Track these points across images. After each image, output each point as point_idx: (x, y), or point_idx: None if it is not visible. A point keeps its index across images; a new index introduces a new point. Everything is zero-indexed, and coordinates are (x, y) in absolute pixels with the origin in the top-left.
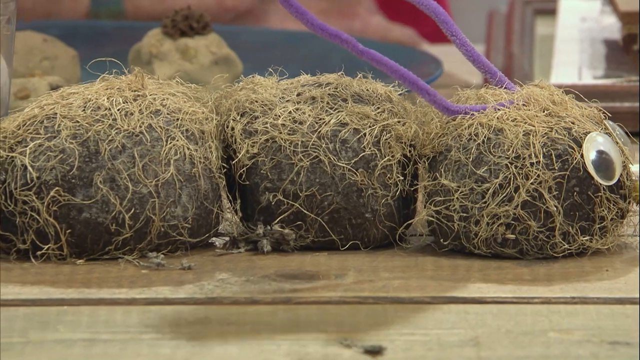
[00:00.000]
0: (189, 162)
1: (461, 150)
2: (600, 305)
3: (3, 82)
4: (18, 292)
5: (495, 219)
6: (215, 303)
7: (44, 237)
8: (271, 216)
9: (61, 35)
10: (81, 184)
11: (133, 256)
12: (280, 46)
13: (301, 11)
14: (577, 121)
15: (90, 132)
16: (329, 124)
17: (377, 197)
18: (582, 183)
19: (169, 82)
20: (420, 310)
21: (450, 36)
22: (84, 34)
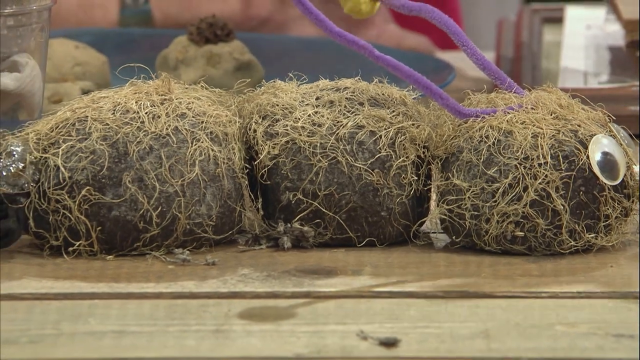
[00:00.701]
0: (213, 163)
1: (472, 151)
2: (605, 300)
3: (37, 87)
4: (51, 286)
5: (505, 217)
6: (238, 297)
7: (76, 234)
8: (291, 214)
9: (92, 42)
10: (111, 183)
11: (160, 252)
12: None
13: (320, 18)
14: (583, 124)
15: (119, 134)
16: (347, 127)
17: (392, 196)
18: (587, 183)
19: (194, 87)
20: (433, 305)
21: (461, 46)
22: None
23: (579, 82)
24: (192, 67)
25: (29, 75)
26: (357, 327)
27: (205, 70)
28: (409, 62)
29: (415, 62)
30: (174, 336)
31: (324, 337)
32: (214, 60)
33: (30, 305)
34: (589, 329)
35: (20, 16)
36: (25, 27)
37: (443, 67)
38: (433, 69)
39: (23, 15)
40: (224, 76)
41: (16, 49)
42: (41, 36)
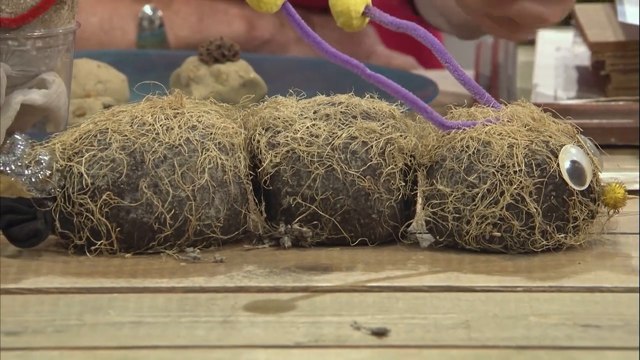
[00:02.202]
0: (221, 170)
1: (454, 160)
2: (574, 293)
3: (63, 102)
4: (75, 281)
5: (484, 219)
6: (244, 291)
7: (97, 234)
8: (291, 217)
9: (113, 62)
10: (129, 189)
11: (173, 251)
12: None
13: (317, 41)
14: (553, 135)
15: (136, 145)
16: (341, 138)
17: (382, 200)
18: (558, 188)
19: (204, 102)
20: (419, 298)
21: (445, 63)
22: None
23: (549, 98)
24: (202, 84)
25: (56, 92)
26: (351, 318)
27: (214, 87)
28: (397, 79)
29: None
30: (185, 326)
31: (321, 327)
32: (222, 78)
33: (56, 298)
34: (559, 319)
35: (48, 38)
36: (52, 48)
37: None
38: (418, 85)
39: (50, 37)
40: (231, 92)
41: (44, 68)
42: (67, 56)
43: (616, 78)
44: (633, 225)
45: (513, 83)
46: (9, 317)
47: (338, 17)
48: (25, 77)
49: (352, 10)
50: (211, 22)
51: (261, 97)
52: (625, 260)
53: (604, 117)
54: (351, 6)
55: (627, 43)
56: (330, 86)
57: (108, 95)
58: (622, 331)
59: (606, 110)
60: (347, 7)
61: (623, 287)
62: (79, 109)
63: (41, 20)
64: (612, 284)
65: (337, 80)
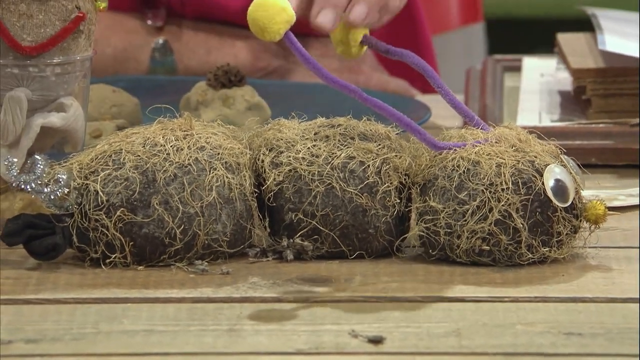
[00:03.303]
0: (228, 188)
1: (446, 178)
2: (558, 303)
3: (80, 124)
4: (91, 292)
5: (474, 233)
6: (249, 301)
7: (112, 248)
8: (293, 231)
9: (126, 87)
10: (141, 205)
11: (182, 263)
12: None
13: (317, 67)
14: (538, 155)
15: (148, 164)
16: (340, 157)
17: (379, 216)
18: (543, 205)
19: (212, 124)
20: (413, 308)
21: (437, 88)
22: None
23: (534, 121)
24: (210, 108)
25: (73, 115)
26: (349, 327)
27: (221, 110)
28: (392, 103)
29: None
30: (194, 335)
31: (321, 335)
32: (229, 102)
33: (73, 308)
34: (544, 328)
35: (66, 65)
36: (70, 74)
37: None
38: (412, 109)
39: (68, 64)
40: (237, 115)
41: (62, 93)
42: (84, 82)
43: (596, 102)
44: (613, 240)
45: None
46: (28, 326)
47: (337, 46)
48: (45, 101)
49: (350, 39)
50: (219, 54)
51: (265, 119)
52: (606, 272)
53: (585, 138)
54: (350, 35)
55: (606, 70)
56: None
57: (122, 118)
58: (603, 339)
59: (587, 132)
60: (346, 36)
61: (604, 297)
62: (95, 131)
63: (60, 48)
64: (594, 294)
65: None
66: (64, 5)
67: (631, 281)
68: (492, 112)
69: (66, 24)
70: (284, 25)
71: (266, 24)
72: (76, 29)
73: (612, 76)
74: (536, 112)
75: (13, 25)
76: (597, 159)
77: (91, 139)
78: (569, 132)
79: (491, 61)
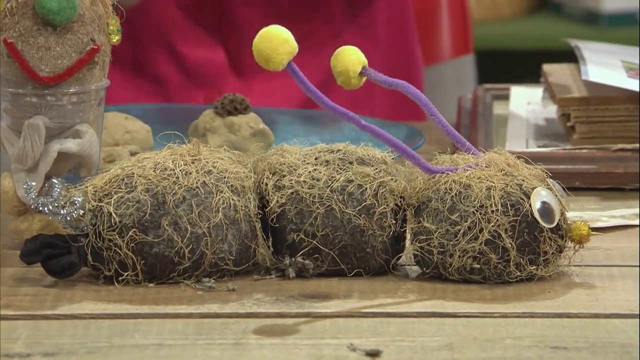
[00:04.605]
0: (233, 210)
1: (439, 200)
2: (545, 319)
3: (95, 150)
4: (104, 308)
5: (465, 253)
6: (253, 317)
7: (124, 266)
8: (295, 251)
9: (139, 115)
10: (152, 226)
11: (191, 281)
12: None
13: (318, 95)
14: (526, 179)
15: (159, 187)
16: (339, 181)
17: (376, 236)
18: (530, 226)
19: (219, 150)
20: (408, 323)
21: (430, 116)
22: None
23: (522, 146)
24: (217, 134)
25: (88, 141)
26: (348, 341)
27: (227, 136)
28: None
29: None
30: (201, 348)
31: (321, 349)
32: (234, 129)
33: (88, 323)
34: (531, 342)
35: (82, 94)
36: (86, 103)
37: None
38: (407, 135)
39: (84, 93)
40: (242, 141)
41: (78, 120)
42: (98, 110)
43: (580, 129)
44: (596, 259)
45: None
46: (46, 340)
47: (338, 77)
48: (62, 128)
49: (350, 70)
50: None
51: (269, 145)
52: (590, 289)
53: (569, 163)
54: (349, 67)
55: (589, 98)
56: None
57: (134, 144)
58: (587, 352)
59: (571, 157)
60: (346, 67)
61: (588, 313)
62: (108, 156)
63: (76, 78)
64: (578, 310)
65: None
66: (79, 38)
67: (613, 297)
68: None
69: (82, 55)
70: (287, 56)
71: (270, 54)
72: (91, 60)
73: (595, 104)
74: (523, 138)
75: (32, 57)
76: (581, 182)
77: (105, 164)
78: (555, 157)
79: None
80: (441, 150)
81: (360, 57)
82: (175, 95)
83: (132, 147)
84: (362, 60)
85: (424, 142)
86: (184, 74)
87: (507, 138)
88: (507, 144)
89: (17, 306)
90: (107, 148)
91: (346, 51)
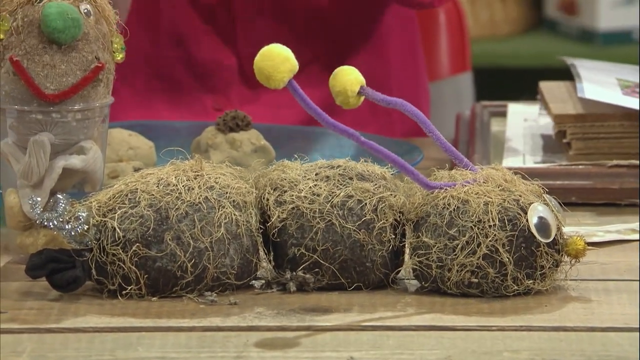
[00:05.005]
0: (235, 225)
1: (437, 215)
2: (541, 332)
3: (99, 166)
4: (108, 321)
5: (463, 267)
6: (254, 330)
7: (128, 280)
8: (296, 265)
9: (142, 131)
10: (155, 241)
11: (193, 295)
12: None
13: (318, 112)
14: (523, 194)
15: (162, 202)
16: (339, 196)
17: (375, 250)
18: (527, 240)
19: (221, 165)
20: (407, 336)
21: (428, 133)
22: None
23: (519, 162)
24: (219, 150)
25: (93, 157)
26: (348, 354)
27: (229, 152)
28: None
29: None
30: None
31: None
32: (236, 145)
33: (92, 336)
34: (528, 355)
35: (86, 111)
36: (90, 119)
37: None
38: (406, 151)
39: (88, 110)
40: (244, 157)
41: (83, 137)
42: (102, 127)
43: (576, 145)
44: (592, 273)
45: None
46: (50, 353)
47: (337, 96)
48: (67, 145)
49: (348, 90)
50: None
51: (270, 161)
52: (586, 303)
53: (565, 178)
54: (347, 87)
55: (585, 115)
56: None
57: (138, 159)
58: None
59: (567, 173)
60: (344, 87)
61: (584, 327)
62: (112, 172)
63: (80, 95)
64: (575, 323)
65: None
66: (84, 56)
67: (609, 311)
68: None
69: (86, 73)
70: (288, 74)
71: (271, 72)
72: (95, 78)
73: (590, 121)
74: (520, 155)
75: (37, 75)
76: (577, 197)
77: (109, 179)
78: (551, 172)
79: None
80: (439, 166)
81: (358, 77)
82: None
83: (135, 163)
84: (360, 79)
85: (422, 158)
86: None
87: (504, 154)
88: (504, 160)
89: (22, 320)
90: (111, 164)
91: (344, 71)
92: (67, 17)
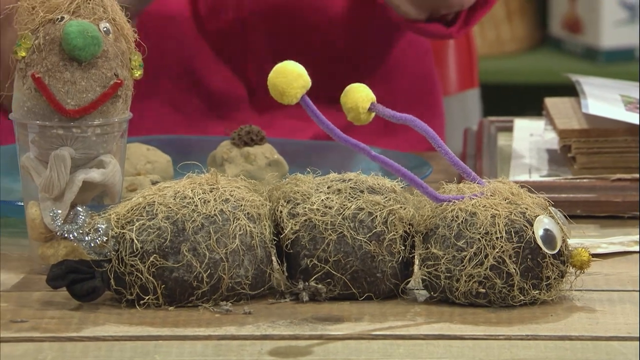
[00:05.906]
0: (250, 236)
1: (446, 227)
2: (547, 341)
3: (118, 179)
4: (126, 330)
5: (471, 277)
6: (268, 339)
7: (145, 290)
8: (308, 275)
9: (159, 146)
10: (172, 252)
11: (209, 304)
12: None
13: (330, 127)
14: (529, 207)
15: (178, 215)
16: (351, 209)
17: (385, 261)
18: (533, 252)
19: (236, 179)
20: (417, 345)
21: (437, 148)
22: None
23: (525, 176)
24: (234, 164)
25: (112, 171)
26: None
27: (244, 166)
28: (397, 160)
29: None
30: None
31: None
32: (250, 159)
33: (111, 344)
34: None
35: (106, 126)
36: (109, 134)
37: (423, 163)
38: (415, 165)
39: (108, 125)
40: (258, 171)
41: (102, 151)
42: (121, 141)
43: (580, 159)
44: (597, 284)
45: (494, 163)
46: None
47: (348, 113)
48: (86, 159)
49: (359, 106)
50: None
51: (283, 174)
52: (590, 313)
53: (571, 192)
54: (359, 103)
55: (589, 130)
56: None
57: (155, 173)
58: None
59: (572, 186)
60: (356, 104)
61: (589, 336)
62: (131, 185)
63: (100, 111)
64: (580, 333)
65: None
66: (103, 73)
67: (613, 321)
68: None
69: (106, 89)
70: (301, 90)
71: (285, 88)
72: (114, 94)
73: (595, 136)
74: (526, 168)
75: (58, 91)
76: (581, 210)
77: (127, 192)
78: (556, 186)
79: (486, 122)
80: (448, 179)
81: (369, 94)
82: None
83: (153, 176)
84: (371, 96)
85: (431, 171)
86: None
87: (510, 168)
88: (510, 173)
89: (43, 328)
90: (130, 177)
91: (355, 88)
92: (88, 35)
